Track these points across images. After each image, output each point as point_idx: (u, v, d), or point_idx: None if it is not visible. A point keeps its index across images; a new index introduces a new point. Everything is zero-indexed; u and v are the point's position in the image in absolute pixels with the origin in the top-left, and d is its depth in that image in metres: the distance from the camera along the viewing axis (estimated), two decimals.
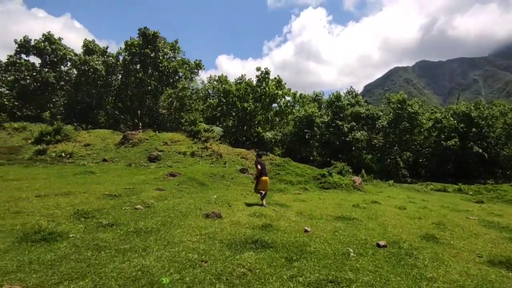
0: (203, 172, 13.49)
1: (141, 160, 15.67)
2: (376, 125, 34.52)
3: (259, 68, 21.67)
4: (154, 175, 12.73)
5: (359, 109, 34.93)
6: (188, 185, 11.39)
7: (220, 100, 23.13)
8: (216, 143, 18.75)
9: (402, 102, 32.89)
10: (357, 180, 16.86)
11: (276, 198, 11.65)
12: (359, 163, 33.78)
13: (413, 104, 32.61)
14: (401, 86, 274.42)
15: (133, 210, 7.18)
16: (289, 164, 18.53)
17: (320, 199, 11.77)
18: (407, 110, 32.00)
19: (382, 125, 33.74)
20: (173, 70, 23.45)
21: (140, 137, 17.59)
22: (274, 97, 21.61)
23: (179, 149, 16.83)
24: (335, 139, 35.08)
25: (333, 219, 7.85)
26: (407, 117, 32.21)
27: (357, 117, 35.26)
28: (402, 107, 32.88)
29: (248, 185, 13.16)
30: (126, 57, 23.17)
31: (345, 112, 34.98)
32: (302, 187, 15.03)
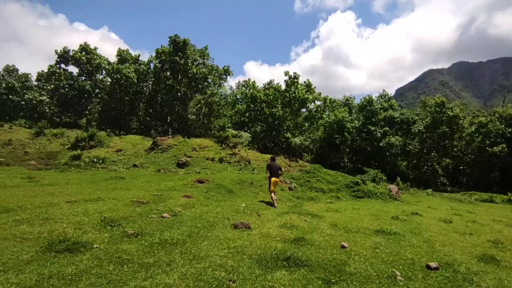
0: (231, 179, 13.20)
1: (169, 165, 15.72)
2: (412, 130, 32.65)
3: (287, 72, 21.21)
4: (182, 181, 12.61)
5: (392, 113, 33.29)
6: (216, 192, 11.12)
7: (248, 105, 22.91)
8: (245, 149, 18.47)
9: (441, 105, 30.87)
10: (393, 189, 15.79)
11: (307, 207, 11.06)
12: (393, 170, 32.06)
13: (453, 107, 30.47)
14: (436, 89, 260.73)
15: (159, 218, 6.96)
16: (319, 171, 17.80)
17: (354, 209, 11.02)
18: (447, 113, 29.95)
19: (418, 130, 31.84)
20: (202, 76, 23.68)
21: (169, 143, 17.73)
22: (304, 101, 21.03)
23: (207, 155, 16.73)
24: (367, 145, 33.62)
25: (372, 233, 7.15)
26: (447, 121, 30.14)
27: (391, 121, 33.61)
28: (440, 111, 30.85)
29: (278, 193, 12.67)
30: (157, 65, 23.76)
31: (377, 117, 33.47)
32: (334, 195, 14.29)
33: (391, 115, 32.93)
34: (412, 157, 34.52)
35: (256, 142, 28.64)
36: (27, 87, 25.77)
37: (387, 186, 16.59)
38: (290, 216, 8.64)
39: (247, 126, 31.06)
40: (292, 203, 11.73)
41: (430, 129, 31.69)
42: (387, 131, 31.95)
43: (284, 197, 12.33)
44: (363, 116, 34.46)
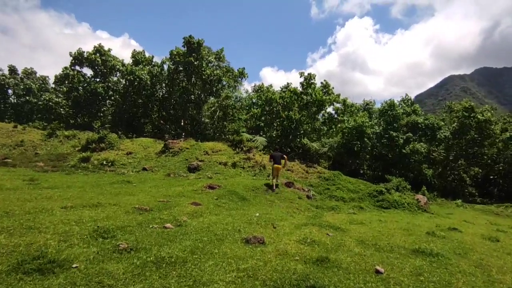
0: (245, 185, 12.29)
1: (180, 170, 15.00)
2: (437, 136, 30.81)
3: (302, 73, 20.22)
4: (192, 186, 11.81)
5: (416, 119, 31.57)
6: (227, 200, 10.23)
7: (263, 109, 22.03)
8: (259, 153, 17.56)
9: (469, 110, 28.97)
10: (421, 199, 14.43)
11: (329, 218, 9.98)
12: (416, 178, 30.25)
13: (483, 111, 28.52)
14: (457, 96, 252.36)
15: (161, 229, 6.12)
16: (339, 178, 16.65)
17: (381, 222, 9.84)
18: (476, 118, 28.02)
19: (444, 135, 29.98)
20: (217, 78, 23.06)
21: (181, 146, 17.06)
22: (321, 103, 19.91)
23: (220, 159, 15.92)
24: (388, 152, 31.99)
25: (409, 254, 6.04)
26: (476, 127, 28.20)
27: (414, 127, 31.88)
28: (469, 116, 28.95)
29: (295, 201, 11.66)
30: (171, 66, 23.33)
31: (400, 122, 31.83)
32: (356, 205, 13.11)
33: (414, 120, 31.24)
34: (437, 165, 32.58)
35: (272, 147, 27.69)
36: (44, 89, 25.97)
37: (414, 196, 15.23)
38: (310, 229, 7.62)
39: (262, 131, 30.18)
40: (311, 213, 10.69)
41: (457, 135, 29.78)
42: (410, 137, 30.27)
43: (302, 206, 11.30)
44: (384, 121, 32.89)
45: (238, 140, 17.63)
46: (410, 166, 31.16)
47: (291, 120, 20.10)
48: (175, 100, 24.20)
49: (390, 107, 31.96)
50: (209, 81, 22.95)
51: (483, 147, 28.89)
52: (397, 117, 31.68)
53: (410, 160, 30.78)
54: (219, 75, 22.99)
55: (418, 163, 30.49)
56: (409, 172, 31.60)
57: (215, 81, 23.11)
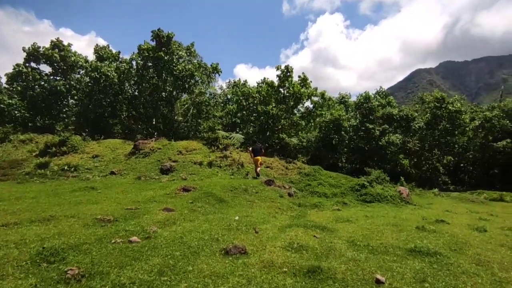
0: (222, 185, 11.49)
1: (152, 172, 13.92)
2: (412, 127, 31.39)
3: (279, 66, 19.57)
4: (165, 190, 10.86)
5: (391, 110, 32.01)
6: (203, 203, 9.40)
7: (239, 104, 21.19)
8: (237, 151, 16.80)
9: (441, 101, 29.69)
10: (403, 191, 14.29)
11: (313, 217, 9.42)
12: (393, 169, 30.72)
13: (453, 101, 29.33)
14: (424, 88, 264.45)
15: (125, 244, 5.23)
16: (320, 173, 16.24)
17: (367, 218, 9.43)
18: (448, 108, 28.76)
19: (418, 126, 30.58)
20: (189, 74, 21.89)
21: (152, 147, 15.93)
22: (299, 97, 19.38)
23: (194, 159, 14.98)
24: (365, 144, 32.28)
25: (406, 254, 5.55)
26: (448, 117, 28.95)
27: (389, 119, 32.32)
28: (440, 106, 29.68)
29: (277, 200, 11.02)
30: (139, 62, 21.87)
31: (375, 114, 32.14)
32: (339, 200, 12.70)
33: (389, 112, 31.66)
34: (412, 155, 33.28)
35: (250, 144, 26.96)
36: None
37: (396, 188, 15.09)
38: (295, 231, 7.01)
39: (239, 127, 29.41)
40: (294, 213, 10.09)
41: (430, 125, 30.48)
42: (386, 129, 30.65)
43: (284, 205, 10.67)
44: (360, 113, 33.11)
45: (213, 138, 16.75)
46: (386, 158, 31.60)
47: (268, 115, 19.46)
48: (145, 98, 22.77)
49: (365, 99, 32.19)
50: (181, 77, 21.73)
51: (455, 136, 29.75)
52: (373, 109, 31.97)
53: (386, 152, 31.20)
54: (191, 71, 21.84)
55: (394, 154, 30.96)
56: (385, 163, 32.04)
57: (187, 77, 21.92)
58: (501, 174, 32.47)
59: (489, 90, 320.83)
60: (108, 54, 23.44)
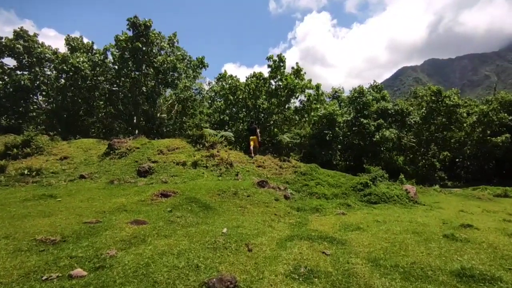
0: (208, 189, 9.95)
1: (128, 174, 12.23)
2: (407, 122, 30.42)
3: (270, 56, 17.99)
4: (140, 195, 9.25)
5: (386, 105, 30.98)
6: (185, 211, 7.84)
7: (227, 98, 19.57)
8: (225, 149, 15.25)
9: (437, 94, 28.80)
10: (411, 190, 13.01)
11: (316, 224, 7.97)
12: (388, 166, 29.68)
13: (450, 95, 28.47)
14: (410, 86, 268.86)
15: (61, 282, 3.64)
16: (317, 172, 14.85)
17: (379, 223, 8.04)
18: (445, 102, 27.87)
19: (414, 121, 29.62)
20: (171, 66, 20.17)
21: (129, 146, 14.21)
22: (293, 90, 17.90)
23: (177, 159, 13.35)
24: (359, 140, 31.19)
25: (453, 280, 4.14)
26: (445, 111, 28.07)
27: (384, 114, 31.29)
28: (437, 100, 28.80)
29: (272, 205, 9.53)
30: (115, 53, 19.98)
31: (370, 109, 31.06)
32: (342, 202, 11.29)
33: (384, 107, 30.62)
34: (408, 151, 32.39)
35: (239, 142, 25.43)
36: None
37: (401, 186, 13.81)
38: (299, 247, 5.58)
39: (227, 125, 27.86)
40: (293, 219, 8.62)
41: (427, 120, 29.59)
42: (382, 124, 29.58)
43: (281, 210, 9.20)
44: (354, 108, 32.04)
45: (198, 135, 15.13)
46: (381, 154, 30.58)
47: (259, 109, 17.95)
48: (124, 94, 20.94)
49: (359, 94, 31.11)
50: (163, 70, 19.98)
51: (451, 131, 28.92)
52: (367, 104, 30.91)
53: (380, 148, 30.17)
54: (174, 63, 20.10)
55: (389, 150, 29.96)
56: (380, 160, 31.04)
57: (169, 70, 20.17)
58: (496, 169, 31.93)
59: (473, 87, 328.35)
60: (80, 45, 21.28)
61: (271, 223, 7.84)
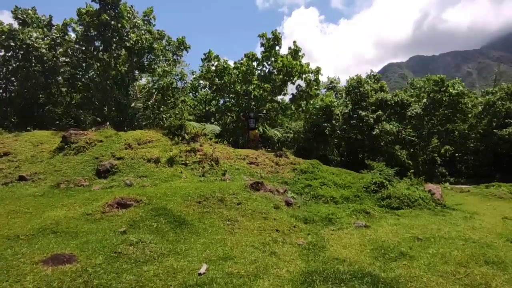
0: (185, 194, 7.48)
1: (82, 175, 9.59)
2: (407, 114, 28.45)
3: (263, 34, 15.39)
4: (88, 206, 6.71)
5: (385, 96, 28.93)
6: (145, 232, 5.37)
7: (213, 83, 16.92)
8: (210, 142, 12.74)
9: (440, 83, 26.92)
10: (435, 190, 10.92)
11: (337, 246, 5.65)
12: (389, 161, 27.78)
13: (454, 84, 26.65)
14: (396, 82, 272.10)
15: None
16: (320, 169, 12.57)
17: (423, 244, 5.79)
18: (448, 92, 26.01)
19: (416, 113, 27.64)
20: (147, 46, 17.38)
21: (89, 139, 11.51)
22: (290, 73, 15.42)
23: (149, 155, 10.76)
24: (357, 134, 29.11)
25: None
26: (448, 101, 26.20)
27: (383, 105, 29.24)
28: (440, 90, 26.92)
29: (271, 216, 7.14)
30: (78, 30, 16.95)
31: (368, 100, 28.95)
32: (357, 208, 9.02)
33: (383, 98, 28.56)
34: (407, 145, 30.54)
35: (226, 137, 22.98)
36: None
37: (424, 186, 11.67)
38: None
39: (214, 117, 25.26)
40: (302, 237, 6.26)
41: (428, 112, 27.72)
42: (381, 116, 27.53)
43: (283, 224, 6.82)
44: (351, 100, 29.85)
45: (177, 125, 12.54)
46: (381, 149, 28.63)
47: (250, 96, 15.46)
48: (90, 79, 18.02)
49: (358, 83, 28.91)
50: (137, 51, 17.19)
51: (455, 123, 27.17)
52: (365, 94, 28.77)
53: (380, 142, 28.21)
54: (149, 42, 17.31)
55: (389, 144, 28.01)
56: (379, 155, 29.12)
57: (144, 51, 17.37)
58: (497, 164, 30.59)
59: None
60: (34, 19, 17.76)
61: (274, 247, 5.45)
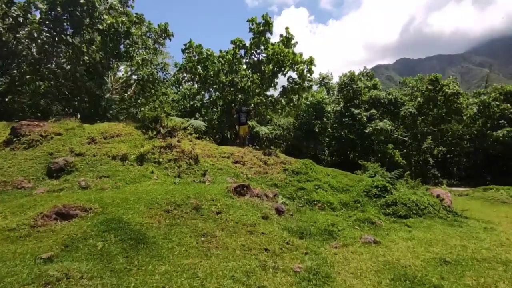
0: (151, 201, 5.96)
1: (29, 174, 7.91)
2: (401, 113, 27.57)
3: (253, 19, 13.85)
4: (18, 216, 5.14)
5: (378, 94, 28.02)
6: (83, 257, 3.83)
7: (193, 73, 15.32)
8: (189, 137, 11.19)
9: (435, 82, 26.12)
10: (445, 196, 9.72)
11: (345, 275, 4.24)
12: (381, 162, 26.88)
13: (449, 83, 25.90)
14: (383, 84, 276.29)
15: None
16: (313, 171, 11.23)
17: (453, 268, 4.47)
18: (443, 91, 25.22)
19: (409, 112, 26.78)
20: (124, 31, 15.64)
21: (44, 132, 9.77)
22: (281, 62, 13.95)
23: (115, 151, 9.12)
24: (349, 132, 28.05)
25: None
26: (443, 101, 25.42)
27: (376, 103, 28.30)
28: (434, 89, 26.13)
29: (259, 229, 5.68)
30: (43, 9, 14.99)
31: (361, 98, 27.96)
32: (360, 217, 7.69)
33: (377, 96, 27.62)
34: (400, 145, 29.70)
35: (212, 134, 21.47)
36: None
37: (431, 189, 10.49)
38: None
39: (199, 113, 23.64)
40: (298, 260, 4.83)
41: (423, 111, 26.91)
42: (374, 114, 26.56)
43: (274, 241, 5.39)
44: (343, 96, 28.82)
45: (152, 117, 10.93)
46: (374, 148, 27.67)
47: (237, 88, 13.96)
48: (58, 66, 16.15)
49: (350, 80, 27.86)
50: (112, 35, 15.42)
51: (449, 123, 26.43)
52: (358, 91, 27.76)
53: (373, 141, 27.24)
54: (127, 25, 15.56)
55: (382, 143, 27.07)
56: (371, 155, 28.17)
57: (121, 36, 15.64)
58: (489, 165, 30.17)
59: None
60: None
61: (262, 277, 4.01)
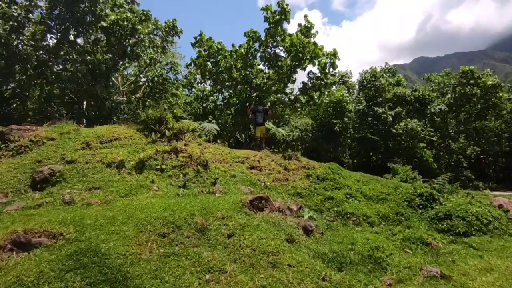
0: (144, 220, 4.63)
1: (9, 186, 6.80)
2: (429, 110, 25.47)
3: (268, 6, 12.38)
4: None
5: (404, 91, 26.04)
6: None
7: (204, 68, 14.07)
8: (198, 141, 9.91)
9: (469, 75, 23.90)
10: (508, 205, 7.97)
11: None
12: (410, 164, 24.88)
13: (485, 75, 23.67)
14: None
15: None
16: (341, 176, 9.73)
17: None
18: (482, 83, 22.95)
19: (439, 109, 24.65)
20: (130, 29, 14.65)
21: (35, 137, 8.72)
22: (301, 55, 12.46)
23: (111, 157, 7.92)
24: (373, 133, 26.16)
25: None
26: (481, 95, 23.17)
27: (401, 101, 26.32)
28: (468, 82, 23.93)
29: (284, 259, 4.23)
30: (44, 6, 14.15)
31: (385, 96, 26.06)
32: (407, 235, 6.16)
33: (402, 93, 25.66)
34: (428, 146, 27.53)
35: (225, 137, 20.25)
36: None
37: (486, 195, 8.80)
38: None
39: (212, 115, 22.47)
40: None
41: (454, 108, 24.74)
42: (401, 112, 24.60)
43: (306, 275, 3.94)
44: (365, 95, 26.99)
45: (156, 118, 9.72)
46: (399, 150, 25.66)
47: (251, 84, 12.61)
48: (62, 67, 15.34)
49: (372, 77, 26.03)
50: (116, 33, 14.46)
51: (486, 119, 24.14)
52: (381, 89, 25.88)
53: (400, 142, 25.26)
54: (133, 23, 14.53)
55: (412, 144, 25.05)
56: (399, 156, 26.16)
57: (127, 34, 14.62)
58: None
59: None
60: None
61: None
